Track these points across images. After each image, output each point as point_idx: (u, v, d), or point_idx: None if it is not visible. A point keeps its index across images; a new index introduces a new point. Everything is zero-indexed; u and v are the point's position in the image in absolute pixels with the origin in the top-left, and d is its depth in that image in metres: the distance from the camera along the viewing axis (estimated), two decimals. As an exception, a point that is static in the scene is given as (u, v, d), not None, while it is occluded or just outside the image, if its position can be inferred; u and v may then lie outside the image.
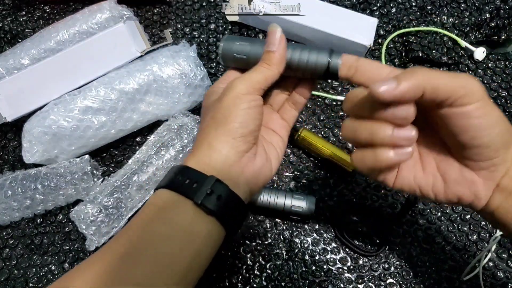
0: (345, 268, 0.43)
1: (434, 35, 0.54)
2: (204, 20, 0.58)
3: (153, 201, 0.30)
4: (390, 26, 0.57)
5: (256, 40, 0.34)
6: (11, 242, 0.45)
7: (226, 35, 0.35)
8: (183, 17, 0.58)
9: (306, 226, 0.45)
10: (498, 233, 0.43)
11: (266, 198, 0.43)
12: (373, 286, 0.43)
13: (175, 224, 0.28)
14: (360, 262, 0.44)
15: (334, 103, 0.53)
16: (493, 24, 0.56)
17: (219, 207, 0.29)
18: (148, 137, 0.48)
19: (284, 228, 0.45)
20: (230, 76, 0.36)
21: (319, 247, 0.44)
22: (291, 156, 0.49)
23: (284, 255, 0.44)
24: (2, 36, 0.57)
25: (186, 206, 0.29)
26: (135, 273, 0.26)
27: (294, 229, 0.45)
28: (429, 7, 0.58)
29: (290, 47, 0.33)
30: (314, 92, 0.52)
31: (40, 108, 0.45)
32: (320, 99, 0.53)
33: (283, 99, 0.37)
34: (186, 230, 0.28)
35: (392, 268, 0.44)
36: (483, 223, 0.46)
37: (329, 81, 0.54)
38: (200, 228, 0.29)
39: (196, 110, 0.50)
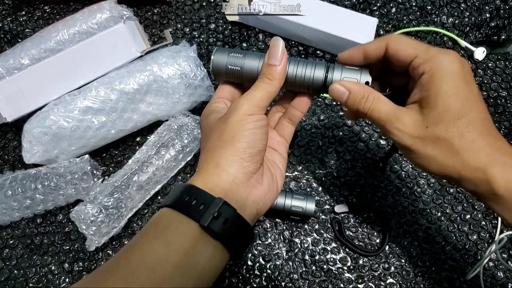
0: (345, 268, 0.43)
1: (434, 35, 0.54)
2: (204, 20, 0.58)
3: (155, 220, 0.29)
4: (390, 26, 0.57)
5: (248, 52, 0.34)
6: (11, 242, 0.45)
7: (215, 48, 0.34)
8: (183, 17, 0.58)
9: (306, 226, 0.45)
10: (507, 232, 0.43)
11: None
12: (373, 286, 0.43)
13: (178, 246, 0.27)
14: (360, 262, 0.44)
15: (334, 103, 0.53)
16: (493, 24, 0.56)
17: (225, 230, 0.27)
18: (148, 137, 0.48)
19: (284, 228, 0.45)
20: (224, 92, 0.35)
21: (319, 247, 0.44)
22: (291, 156, 0.49)
23: (284, 255, 0.44)
24: (2, 36, 0.57)
25: (191, 228, 0.27)
26: None
27: (294, 229, 0.45)
28: (429, 7, 0.58)
29: (288, 61, 0.32)
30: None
31: (40, 108, 0.45)
32: (320, 99, 0.53)
33: (279, 115, 0.37)
34: (188, 253, 0.27)
35: (392, 268, 0.44)
36: (483, 223, 0.46)
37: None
38: (203, 251, 0.27)
39: (196, 110, 0.50)
